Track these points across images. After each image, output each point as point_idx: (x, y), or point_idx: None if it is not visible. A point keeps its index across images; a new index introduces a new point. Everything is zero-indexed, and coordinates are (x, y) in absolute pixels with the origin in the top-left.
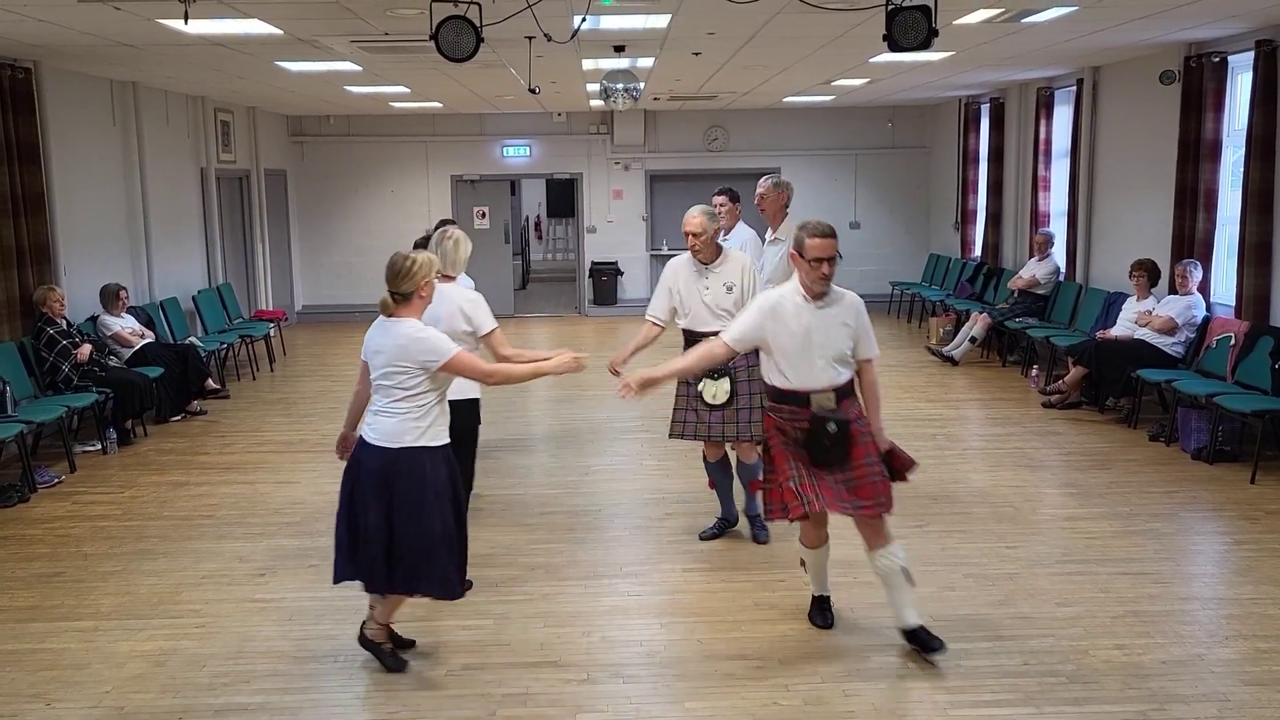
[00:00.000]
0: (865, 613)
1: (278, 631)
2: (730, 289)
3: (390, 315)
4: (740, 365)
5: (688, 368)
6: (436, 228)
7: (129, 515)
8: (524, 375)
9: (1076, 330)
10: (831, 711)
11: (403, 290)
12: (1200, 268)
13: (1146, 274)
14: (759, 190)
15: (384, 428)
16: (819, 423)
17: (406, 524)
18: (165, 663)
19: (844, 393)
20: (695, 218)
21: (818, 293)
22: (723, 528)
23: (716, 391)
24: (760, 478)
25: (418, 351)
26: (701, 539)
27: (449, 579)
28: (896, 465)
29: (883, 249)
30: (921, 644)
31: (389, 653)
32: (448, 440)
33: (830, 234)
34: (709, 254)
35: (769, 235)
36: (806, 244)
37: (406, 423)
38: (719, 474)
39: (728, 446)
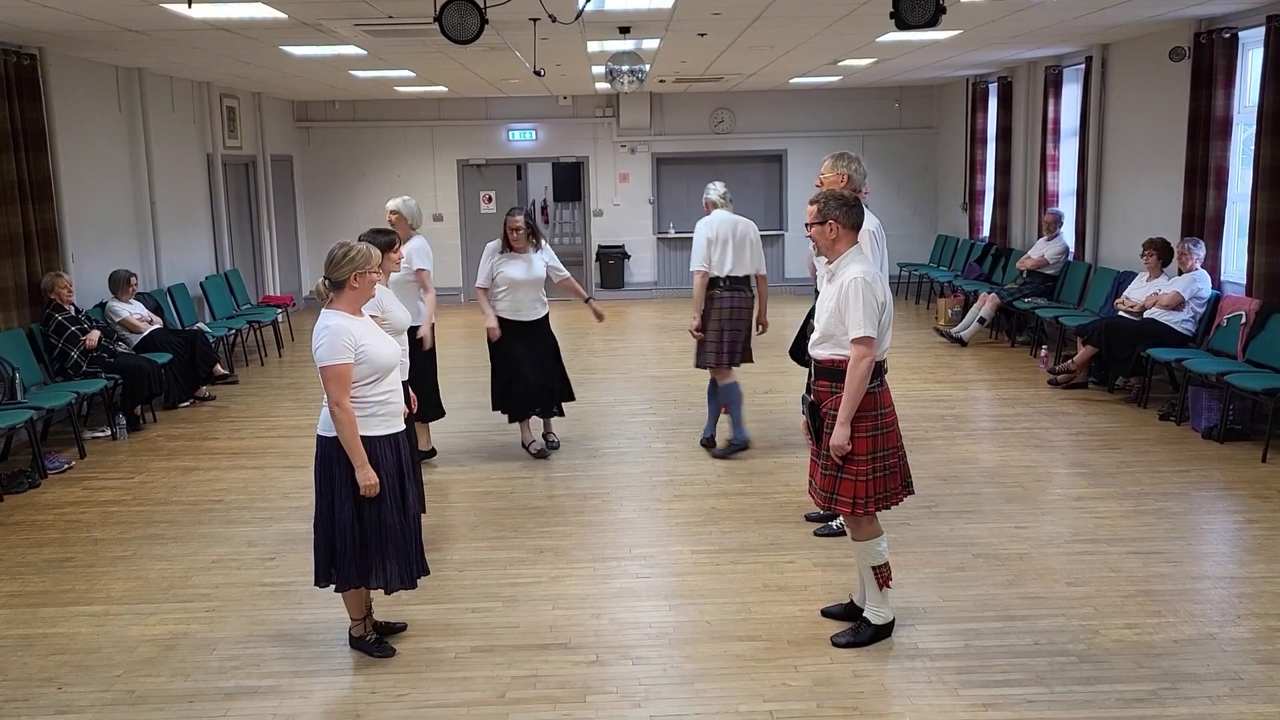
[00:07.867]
0: None
1: (287, 615)
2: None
3: (325, 304)
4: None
5: None
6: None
7: (139, 500)
8: (349, 438)
9: (1086, 310)
10: (841, 692)
11: (333, 278)
12: (1202, 245)
13: (1157, 253)
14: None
15: (322, 416)
16: None
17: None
18: (175, 647)
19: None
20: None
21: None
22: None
23: None
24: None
25: (314, 344)
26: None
27: (316, 566)
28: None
29: (890, 230)
30: (847, 619)
31: (373, 643)
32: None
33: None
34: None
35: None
36: None
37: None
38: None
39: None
